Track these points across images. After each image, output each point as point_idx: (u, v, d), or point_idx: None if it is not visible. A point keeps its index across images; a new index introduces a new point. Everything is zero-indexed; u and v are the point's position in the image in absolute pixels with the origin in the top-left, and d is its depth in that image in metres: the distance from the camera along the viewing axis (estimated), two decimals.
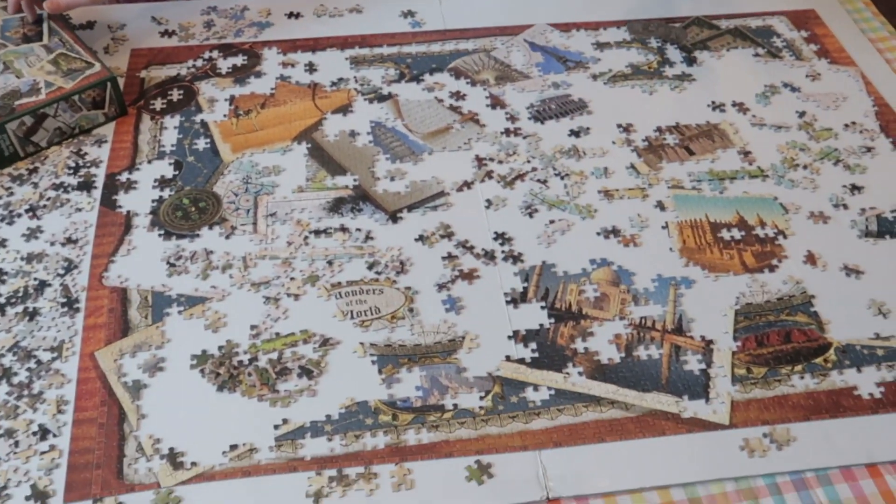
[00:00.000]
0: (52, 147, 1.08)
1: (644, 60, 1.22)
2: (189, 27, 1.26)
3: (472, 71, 1.20)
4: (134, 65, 1.20)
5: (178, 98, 1.15)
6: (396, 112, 1.13)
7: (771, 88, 1.18)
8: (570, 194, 1.03)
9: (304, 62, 1.20)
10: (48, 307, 0.90)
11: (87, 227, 0.98)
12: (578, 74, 1.20)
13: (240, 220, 0.99)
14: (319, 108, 1.14)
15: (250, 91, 1.16)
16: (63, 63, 1.10)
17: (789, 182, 1.05)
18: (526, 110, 1.14)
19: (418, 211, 1.01)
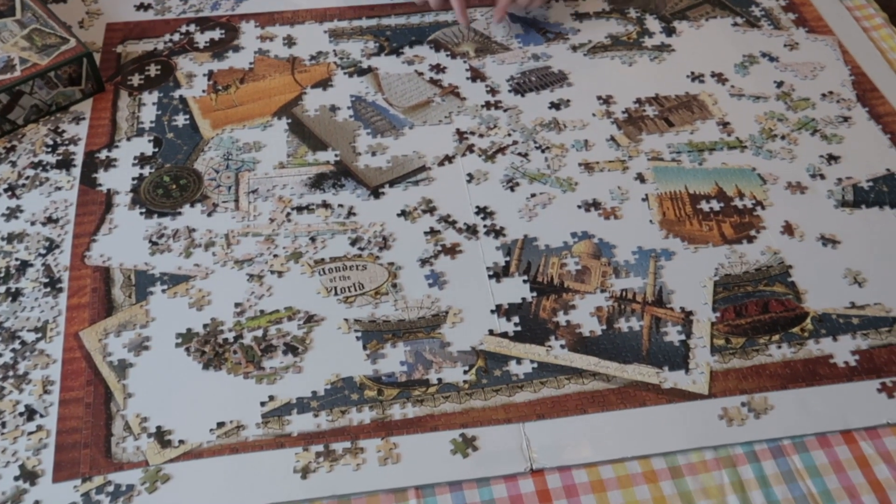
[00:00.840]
0: (28, 125, 1.06)
1: (623, 31, 1.22)
2: (165, 0, 1.25)
3: (452, 43, 1.19)
4: (109, 39, 1.18)
5: (156, 73, 1.14)
6: (377, 86, 1.13)
7: (749, 58, 1.19)
8: (550, 167, 1.03)
9: (283, 35, 1.20)
10: (31, 287, 0.90)
11: (68, 206, 0.98)
12: (558, 46, 1.20)
13: (221, 197, 0.99)
14: (299, 82, 1.13)
15: (229, 66, 1.15)
16: (37, 39, 1.08)
17: (767, 153, 1.06)
18: (506, 83, 1.14)
19: (400, 186, 1.01)
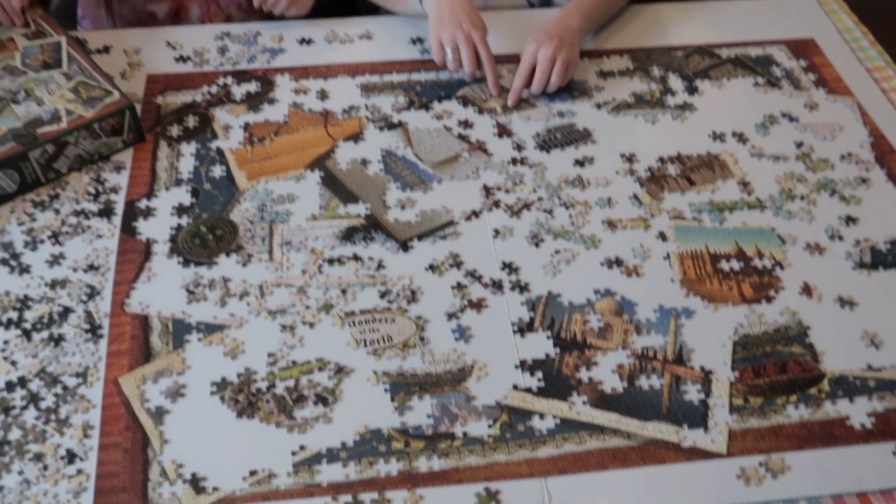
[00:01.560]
0: (72, 173, 1.11)
1: (647, 89, 1.26)
2: (203, 52, 1.30)
3: (480, 99, 1.23)
4: (150, 90, 1.23)
5: (194, 125, 1.18)
6: (406, 140, 1.17)
7: (770, 118, 1.22)
8: (574, 224, 1.06)
9: (317, 89, 1.24)
10: (73, 333, 0.94)
11: (109, 253, 1.02)
12: (583, 103, 1.23)
13: (256, 248, 1.03)
14: (332, 135, 1.17)
15: (264, 118, 1.19)
16: (83, 91, 1.13)
17: (787, 213, 1.09)
18: (532, 139, 1.17)
19: (428, 240, 1.04)
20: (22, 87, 1.13)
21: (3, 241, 1.03)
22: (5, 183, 1.05)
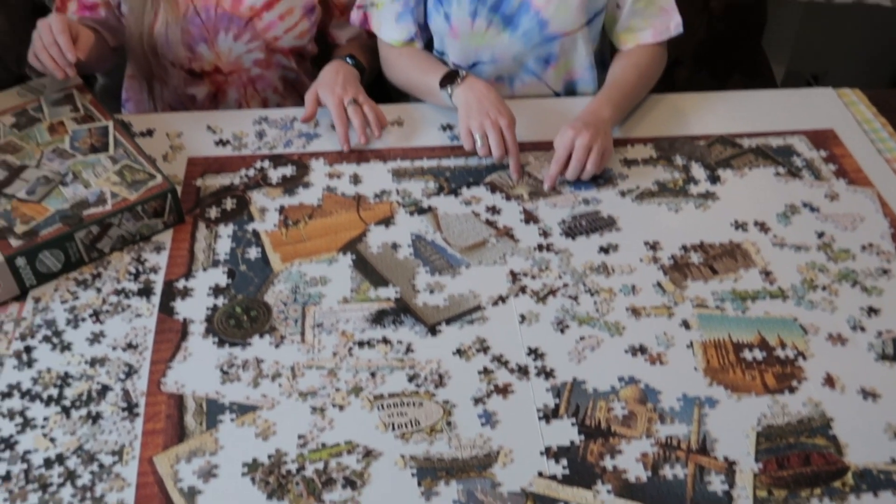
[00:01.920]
0: (114, 253, 1.15)
1: (670, 178, 1.29)
2: (242, 136, 1.35)
3: (507, 186, 1.27)
4: (190, 173, 1.28)
5: (232, 207, 1.23)
6: (436, 225, 1.21)
7: (791, 208, 1.24)
8: (599, 311, 1.09)
9: (350, 174, 1.29)
10: (110, 411, 0.97)
11: (147, 332, 1.05)
12: (607, 191, 1.27)
13: (288, 329, 1.06)
14: (363, 219, 1.21)
15: (299, 201, 1.24)
16: (127, 174, 1.18)
17: (809, 303, 1.10)
18: (558, 226, 1.21)
19: (456, 324, 1.07)
20: (70, 169, 1.19)
21: (47, 319, 1.07)
22: (51, 262, 1.10)
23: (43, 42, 1.24)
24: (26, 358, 1.02)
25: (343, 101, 1.33)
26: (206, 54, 1.45)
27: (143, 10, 1.38)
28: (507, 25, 1.41)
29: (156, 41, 1.42)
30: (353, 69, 1.41)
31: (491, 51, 1.43)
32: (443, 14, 1.41)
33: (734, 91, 1.49)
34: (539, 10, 1.39)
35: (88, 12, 1.42)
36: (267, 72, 1.51)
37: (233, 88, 1.52)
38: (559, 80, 1.49)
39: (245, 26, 1.43)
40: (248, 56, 1.47)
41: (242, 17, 1.42)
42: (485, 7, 1.39)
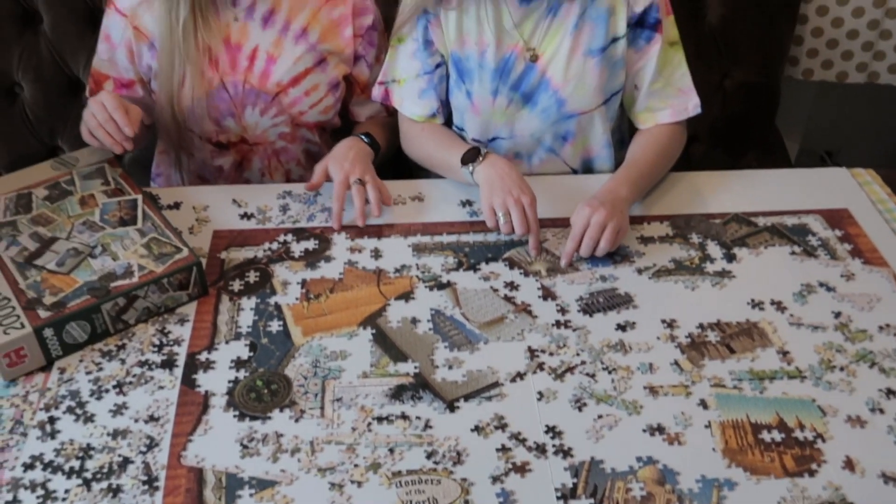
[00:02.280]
0: (139, 324, 1.17)
1: (686, 256, 1.31)
2: (266, 210, 1.38)
3: (525, 262, 1.29)
4: (215, 246, 1.31)
5: (255, 280, 1.25)
6: (455, 300, 1.22)
7: (807, 287, 1.25)
8: (617, 389, 1.09)
9: (371, 248, 1.31)
10: (130, 484, 0.98)
11: (169, 405, 1.07)
12: (624, 268, 1.28)
13: (308, 403, 1.07)
14: (384, 294, 1.23)
15: (321, 275, 1.26)
16: (155, 247, 1.21)
17: (827, 384, 1.11)
18: (575, 303, 1.22)
19: (474, 400, 1.08)
20: (99, 241, 1.22)
21: (71, 390, 1.08)
22: (77, 333, 1.12)
23: (98, 119, 1.28)
24: (50, 429, 1.04)
25: (349, 178, 1.37)
26: (233, 127, 1.50)
27: (172, 84, 1.43)
28: (527, 103, 1.45)
29: (184, 115, 1.46)
30: (366, 147, 1.45)
31: (510, 127, 1.47)
32: (464, 91, 1.45)
33: (749, 170, 1.51)
34: (557, 90, 1.43)
35: (125, 90, 1.47)
36: (291, 145, 1.56)
37: (257, 158, 1.56)
38: (576, 157, 1.52)
39: (271, 101, 1.48)
40: (273, 130, 1.52)
41: (269, 93, 1.47)
42: (506, 86, 1.43)
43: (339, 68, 1.50)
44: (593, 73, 1.42)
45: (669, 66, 1.45)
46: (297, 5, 1.45)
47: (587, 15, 1.41)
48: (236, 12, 1.43)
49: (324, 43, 1.47)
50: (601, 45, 1.42)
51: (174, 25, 1.39)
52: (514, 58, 1.42)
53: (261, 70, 1.45)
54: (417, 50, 1.45)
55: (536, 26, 1.42)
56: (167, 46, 1.41)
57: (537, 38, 1.42)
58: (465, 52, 1.43)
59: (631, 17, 1.42)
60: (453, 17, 1.43)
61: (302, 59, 1.46)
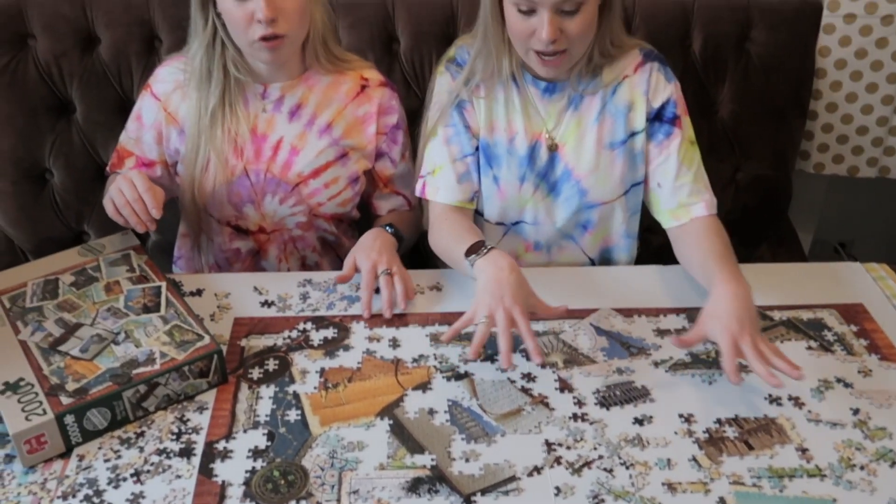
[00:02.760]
0: (158, 412, 1.18)
1: (703, 349, 1.31)
2: (287, 298, 1.40)
3: (542, 353, 1.30)
4: (236, 333, 1.33)
5: (274, 368, 1.26)
6: (472, 391, 1.23)
7: (825, 383, 1.25)
8: (635, 485, 1.09)
9: (389, 337, 1.32)
10: None
11: (185, 494, 1.07)
12: (641, 361, 1.29)
13: (325, 495, 1.07)
14: (401, 384, 1.24)
15: (339, 364, 1.27)
16: (177, 334, 1.23)
17: (847, 483, 1.10)
18: (592, 395, 1.22)
19: (491, 495, 1.07)
20: (123, 328, 1.24)
21: (89, 478, 1.09)
22: (98, 420, 1.13)
23: (126, 197, 1.32)
24: None
25: (377, 268, 1.39)
26: (252, 214, 1.54)
27: (195, 168, 1.48)
28: (551, 191, 1.49)
29: (205, 199, 1.51)
30: (391, 238, 1.47)
31: (534, 213, 1.50)
32: (491, 176, 1.49)
33: (763, 263, 1.53)
34: (580, 180, 1.47)
35: (146, 169, 1.52)
36: (307, 233, 1.59)
37: (274, 246, 1.59)
38: (595, 247, 1.55)
39: (291, 191, 1.52)
40: (291, 218, 1.55)
41: (290, 183, 1.51)
42: (532, 172, 1.47)
43: (359, 163, 1.54)
44: (614, 164, 1.46)
45: (693, 163, 1.47)
46: (324, 101, 1.50)
47: (607, 109, 1.46)
48: (265, 104, 1.49)
49: (347, 138, 1.52)
50: (622, 138, 1.46)
51: (203, 113, 1.45)
52: (540, 146, 1.47)
53: (283, 161, 1.50)
54: (455, 135, 1.48)
55: (559, 118, 1.46)
56: (195, 132, 1.46)
57: (560, 129, 1.47)
58: (495, 138, 1.48)
59: (650, 112, 1.46)
60: (483, 105, 1.47)
61: (324, 153, 1.50)
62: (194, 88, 1.46)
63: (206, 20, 1.42)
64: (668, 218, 1.48)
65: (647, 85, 1.46)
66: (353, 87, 1.52)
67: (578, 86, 1.45)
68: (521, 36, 1.35)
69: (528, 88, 1.46)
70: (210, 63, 1.44)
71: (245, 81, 1.47)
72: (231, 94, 1.45)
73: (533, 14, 1.32)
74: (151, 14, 1.77)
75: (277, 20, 1.35)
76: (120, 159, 1.54)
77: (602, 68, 1.45)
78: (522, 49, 1.38)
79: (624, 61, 1.47)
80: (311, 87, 1.50)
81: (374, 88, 1.54)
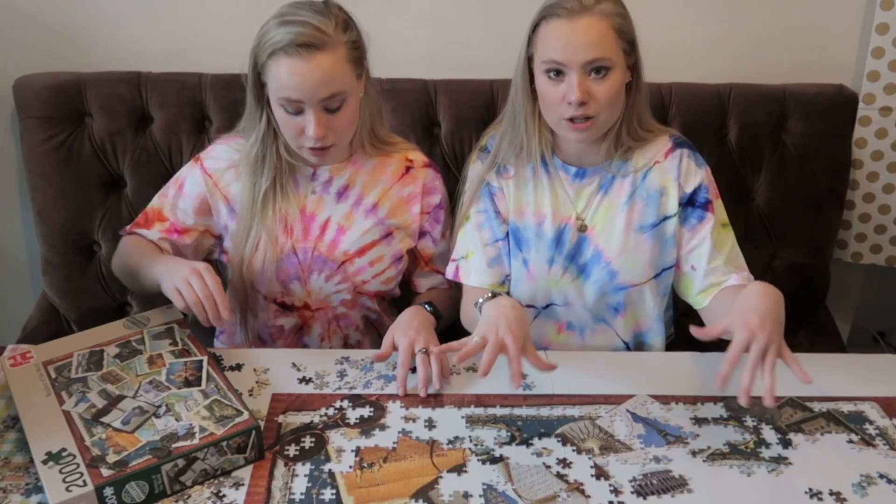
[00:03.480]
0: (195, 486, 1.19)
1: (741, 439, 1.30)
2: (324, 375, 1.42)
3: (578, 438, 1.29)
4: (273, 409, 1.34)
5: (310, 446, 1.27)
6: (507, 475, 1.22)
7: (867, 479, 1.23)
8: None
9: (425, 417, 1.33)
10: None
11: None
12: (678, 449, 1.28)
13: None
14: (436, 465, 1.24)
15: (374, 443, 1.27)
16: (217, 409, 1.24)
17: None
18: (629, 483, 1.21)
19: None
20: (164, 401, 1.26)
21: None
22: (136, 493, 1.14)
23: (198, 294, 1.34)
24: None
25: (414, 346, 1.40)
26: (298, 291, 1.57)
27: (246, 246, 1.52)
28: (581, 273, 1.50)
29: (255, 276, 1.54)
30: (429, 316, 1.49)
31: (564, 295, 1.52)
32: (521, 259, 1.51)
33: (802, 353, 1.51)
34: (609, 262, 1.48)
35: (176, 235, 1.55)
36: (351, 311, 1.61)
37: (318, 323, 1.61)
38: (628, 329, 1.55)
39: (337, 269, 1.55)
40: (336, 296, 1.58)
41: (336, 261, 1.55)
42: (561, 255, 1.50)
43: (404, 242, 1.57)
44: (644, 247, 1.48)
45: (725, 246, 1.50)
46: (370, 182, 1.55)
47: (637, 193, 1.49)
48: (314, 185, 1.54)
49: (392, 218, 1.56)
50: (652, 221, 1.48)
51: (256, 195, 1.50)
52: (570, 229, 1.49)
53: (330, 239, 1.53)
54: (486, 220, 1.53)
55: (589, 201, 1.49)
56: (247, 212, 1.51)
57: (589, 212, 1.50)
58: (524, 221, 1.51)
59: (682, 196, 1.49)
60: (512, 189, 1.51)
61: (370, 232, 1.54)
62: (248, 172, 1.51)
63: (260, 117, 1.48)
64: (701, 298, 1.50)
65: (677, 171, 1.50)
66: (399, 168, 1.57)
67: (610, 169, 1.49)
68: (553, 102, 1.40)
69: (559, 173, 1.50)
70: (264, 150, 1.49)
71: (296, 165, 1.52)
72: (283, 177, 1.50)
73: (563, 79, 1.36)
74: (203, 96, 1.84)
75: (328, 135, 1.41)
76: (148, 221, 1.58)
77: (633, 152, 1.49)
78: (554, 119, 1.42)
79: (654, 147, 1.51)
80: (358, 168, 1.55)
81: (419, 169, 1.58)
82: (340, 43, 1.40)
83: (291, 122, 1.42)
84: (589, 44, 1.35)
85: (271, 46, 1.38)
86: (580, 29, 1.35)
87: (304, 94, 1.38)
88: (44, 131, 1.82)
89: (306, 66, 1.37)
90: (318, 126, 1.40)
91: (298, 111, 1.41)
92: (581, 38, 1.35)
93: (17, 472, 1.20)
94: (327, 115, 1.41)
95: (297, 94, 1.38)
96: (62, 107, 1.83)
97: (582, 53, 1.35)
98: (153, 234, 1.56)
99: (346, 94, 1.41)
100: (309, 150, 1.44)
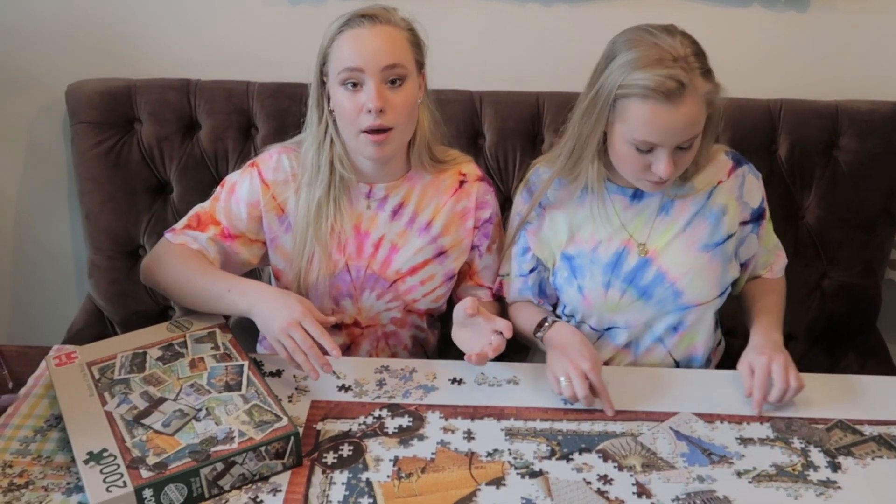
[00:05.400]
0: (233, 490, 1.19)
1: (788, 461, 1.26)
2: (363, 384, 1.41)
3: (620, 455, 1.27)
4: (312, 416, 1.34)
5: (348, 454, 1.26)
6: (546, 490, 1.20)
7: None
8: None
9: (464, 429, 1.31)
10: None
11: None
12: (723, 469, 1.25)
13: None
14: (475, 478, 1.22)
15: (413, 453, 1.26)
16: (256, 414, 1.25)
17: None
18: (671, 502, 1.18)
19: None
20: (205, 405, 1.26)
21: None
22: (174, 495, 1.14)
23: (300, 345, 1.32)
24: None
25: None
26: (349, 308, 1.56)
27: (301, 261, 1.51)
28: (642, 295, 1.48)
29: (307, 290, 1.53)
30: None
31: (625, 317, 1.50)
32: (576, 286, 1.50)
33: (852, 375, 1.48)
34: (674, 282, 1.47)
35: (228, 241, 1.52)
36: (401, 330, 1.61)
37: (367, 341, 1.60)
38: (682, 349, 1.53)
39: (388, 287, 1.54)
40: (386, 314, 1.58)
41: (388, 279, 1.54)
42: (618, 278, 1.48)
43: (457, 261, 1.57)
44: (709, 266, 1.47)
45: (770, 241, 1.60)
46: (424, 199, 1.54)
47: (701, 213, 1.48)
48: (369, 202, 1.53)
49: (445, 236, 1.55)
50: (717, 240, 1.48)
51: (311, 209, 1.49)
52: (627, 252, 1.48)
53: (383, 257, 1.53)
54: (517, 254, 1.58)
55: (647, 223, 1.48)
56: (302, 227, 1.50)
57: (647, 234, 1.48)
58: (577, 249, 1.50)
59: (751, 213, 1.53)
60: (562, 218, 1.50)
61: (423, 251, 1.53)
62: (305, 184, 1.50)
63: (320, 116, 1.48)
64: (739, 288, 1.61)
65: (740, 189, 1.50)
66: (452, 183, 1.56)
67: (671, 191, 1.47)
68: (635, 170, 1.40)
69: (613, 197, 1.48)
70: (319, 158, 1.48)
71: (349, 180, 1.50)
72: (335, 189, 1.49)
73: (650, 151, 1.35)
74: (250, 104, 1.86)
75: (386, 111, 1.40)
76: (201, 223, 1.53)
77: (694, 174, 1.47)
78: (632, 178, 1.42)
79: (715, 167, 1.50)
80: (414, 186, 1.54)
81: (472, 183, 1.57)
82: (402, 27, 1.44)
83: (351, 100, 1.41)
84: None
85: (336, 25, 1.43)
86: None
87: (366, 61, 1.39)
88: (94, 136, 1.85)
89: (368, 32, 1.40)
90: (378, 96, 1.39)
91: (358, 83, 1.41)
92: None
93: (58, 471, 1.21)
94: (386, 90, 1.41)
95: (358, 61, 1.39)
96: (113, 112, 1.85)
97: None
98: (204, 236, 1.52)
99: (407, 72, 1.42)
100: (367, 136, 1.41)
